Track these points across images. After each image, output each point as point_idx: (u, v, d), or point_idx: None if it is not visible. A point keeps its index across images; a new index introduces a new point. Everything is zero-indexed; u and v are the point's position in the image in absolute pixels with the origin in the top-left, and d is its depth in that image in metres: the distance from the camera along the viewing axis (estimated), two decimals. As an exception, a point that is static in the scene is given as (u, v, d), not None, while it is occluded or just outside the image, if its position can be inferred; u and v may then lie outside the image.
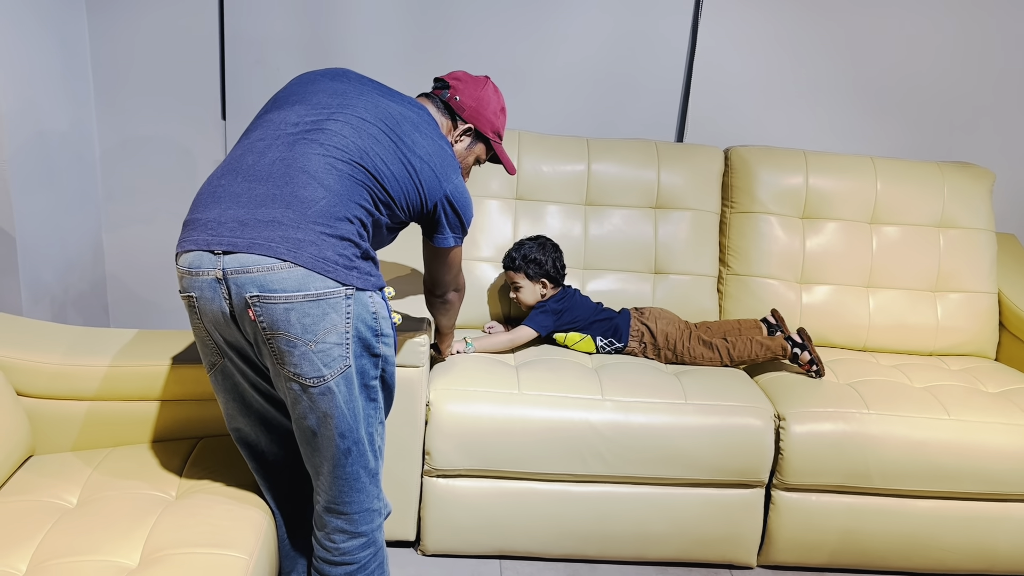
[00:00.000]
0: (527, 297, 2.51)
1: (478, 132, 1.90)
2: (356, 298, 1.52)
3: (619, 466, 2.22)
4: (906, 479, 2.26)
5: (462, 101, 1.87)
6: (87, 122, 2.83)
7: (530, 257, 2.48)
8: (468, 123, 1.88)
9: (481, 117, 1.89)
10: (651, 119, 2.99)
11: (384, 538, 1.72)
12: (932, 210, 2.82)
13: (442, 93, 1.88)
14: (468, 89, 1.87)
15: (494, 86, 1.93)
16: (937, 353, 2.80)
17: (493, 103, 1.91)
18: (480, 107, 1.88)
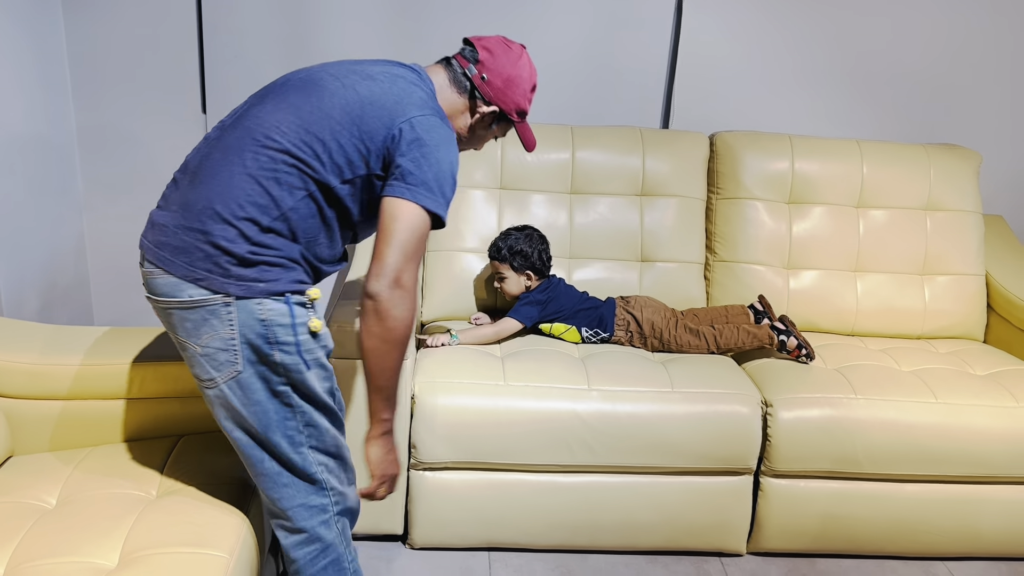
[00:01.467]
0: (512, 288, 2.49)
1: (502, 113, 1.70)
2: (239, 306, 1.45)
3: (607, 456, 2.21)
4: (894, 463, 2.26)
5: (490, 80, 1.65)
6: (66, 119, 2.80)
7: (516, 249, 2.46)
8: (493, 106, 1.67)
9: (507, 99, 1.67)
10: (636, 106, 2.97)
11: (339, 536, 1.61)
12: (919, 193, 2.81)
13: (468, 66, 1.66)
14: (499, 65, 1.65)
15: (529, 59, 1.71)
16: (925, 336, 2.79)
17: (525, 81, 1.69)
18: (509, 87, 1.66)
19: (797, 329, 2.47)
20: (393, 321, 1.43)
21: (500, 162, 2.71)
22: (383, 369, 1.47)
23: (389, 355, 1.46)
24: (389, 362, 1.47)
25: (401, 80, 1.57)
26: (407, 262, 1.43)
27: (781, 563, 2.34)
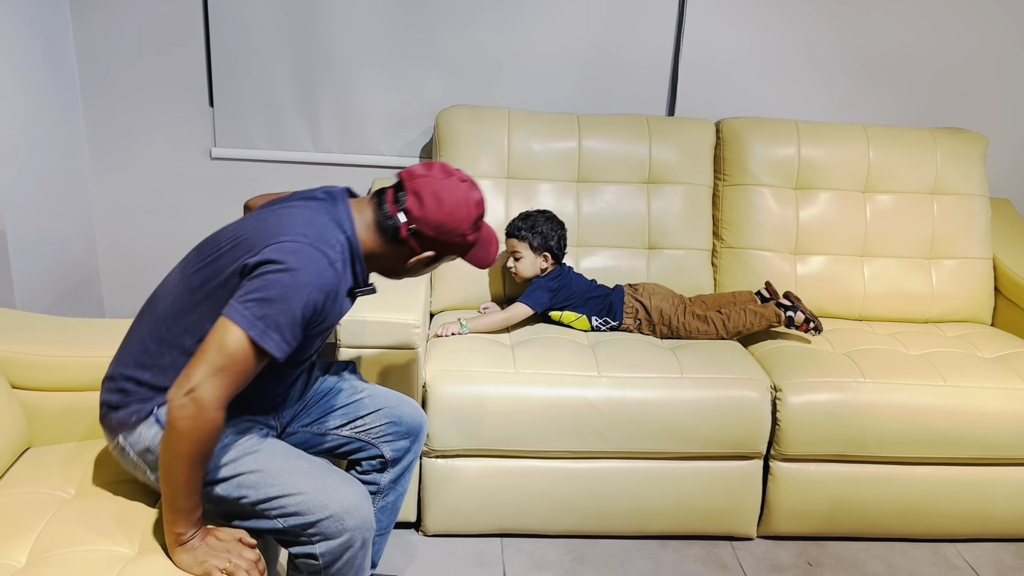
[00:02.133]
0: (526, 269, 2.49)
1: (440, 256, 1.58)
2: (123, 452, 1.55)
3: (617, 442, 2.23)
4: (903, 446, 2.27)
5: (419, 231, 1.51)
6: (74, 113, 2.81)
7: (537, 228, 2.47)
8: (430, 251, 1.55)
9: (441, 245, 1.54)
10: (641, 94, 2.97)
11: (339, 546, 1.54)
12: (925, 177, 2.81)
13: (396, 215, 1.51)
14: (428, 213, 1.49)
15: (467, 190, 1.54)
16: (933, 320, 2.80)
17: (462, 221, 1.52)
18: (442, 235, 1.52)
19: (801, 302, 2.48)
20: (176, 433, 1.35)
21: (507, 151, 2.72)
22: (167, 482, 1.39)
23: (173, 468, 1.38)
24: (174, 474, 1.38)
25: (300, 209, 1.50)
26: (209, 378, 1.35)
27: (791, 546, 2.36)
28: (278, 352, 1.40)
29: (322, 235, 1.46)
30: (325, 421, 1.77)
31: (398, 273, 1.62)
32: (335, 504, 1.48)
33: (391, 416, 1.79)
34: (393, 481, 1.82)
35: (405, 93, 2.91)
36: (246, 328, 1.36)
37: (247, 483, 1.49)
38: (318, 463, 1.56)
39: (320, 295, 1.42)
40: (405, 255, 1.55)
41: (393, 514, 1.85)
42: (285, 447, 1.57)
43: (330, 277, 1.44)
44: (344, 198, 1.55)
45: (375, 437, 1.78)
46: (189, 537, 1.44)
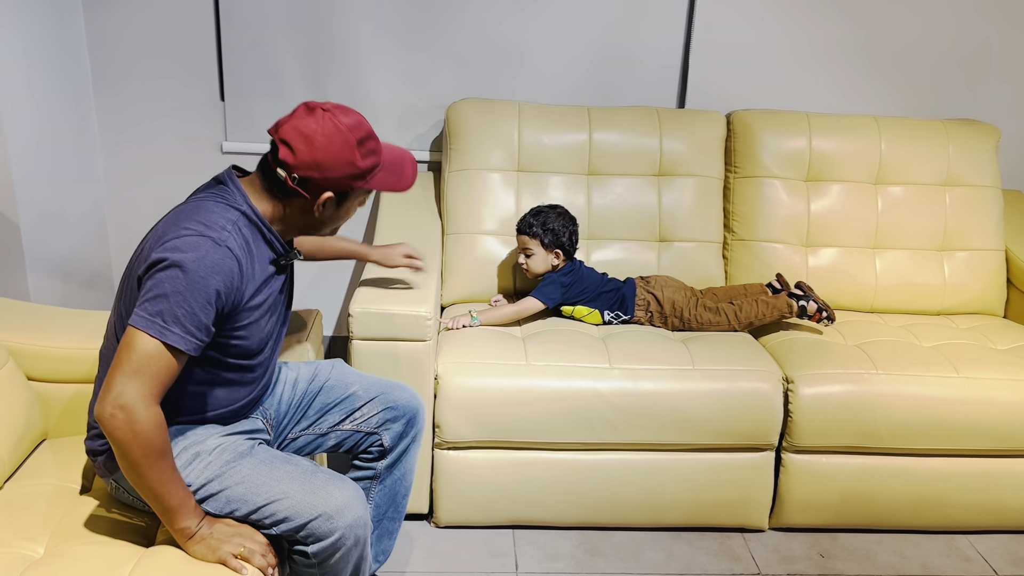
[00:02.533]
0: (537, 265, 2.49)
1: (343, 191, 1.53)
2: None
3: (629, 433, 2.23)
4: (916, 438, 2.26)
5: (302, 177, 1.48)
6: (86, 107, 2.82)
7: (549, 225, 2.46)
8: (326, 192, 1.51)
9: (332, 180, 1.50)
10: (652, 86, 2.96)
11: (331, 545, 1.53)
12: (937, 169, 2.80)
13: (277, 171, 1.50)
14: (302, 156, 1.47)
15: (337, 120, 1.48)
16: (945, 312, 2.79)
17: (342, 150, 1.48)
18: (327, 170, 1.48)
19: (814, 291, 2.47)
20: (119, 444, 1.36)
21: (518, 144, 2.72)
22: (142, 490, 1.41)
23: (137, 476, 1.39)
24: (142, 481, 1.39)
25: (185, 206, 1.51)
26: (127, 381, 1.35)
27: (803, 538, 2.36)
28: (183, 345, 1.38)
29: (207, 221, 1.44)
30: (323, 420, 1.78)
31: (320, 226, 1.59)
32: (323, 504, 1.48)
33: (386, 402, 1.79)
34: (389, 467, 1.82)
35: (416, 86, 2.91)
36: (145, 329, 1.36)
37: (234, 497, 1.50)
38: (304, 465, 1.55)
39: (216, 278, 1.40)
40: (308, 206, 1.53)
41: (394, 499, 1.85)
42: (269, 454, 1.57)
43: (219, 258, 1.41)
44: (231, 177, 1.54)
45: (376, 426, 1.79)
46: (196, 528, 1.44)
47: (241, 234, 1.49)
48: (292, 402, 1.77)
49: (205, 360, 1.51)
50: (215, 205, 1.49)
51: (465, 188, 2.70)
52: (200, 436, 1.55)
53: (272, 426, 1.73)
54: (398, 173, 1.62)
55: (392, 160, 1.62)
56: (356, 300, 2.13)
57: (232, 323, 1.50)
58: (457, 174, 2.72)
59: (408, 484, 1.88)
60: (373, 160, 1.55)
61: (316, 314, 2.05)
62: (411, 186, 1.65)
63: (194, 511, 1.45)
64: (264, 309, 1.57)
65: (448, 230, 2.70)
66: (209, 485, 1.50)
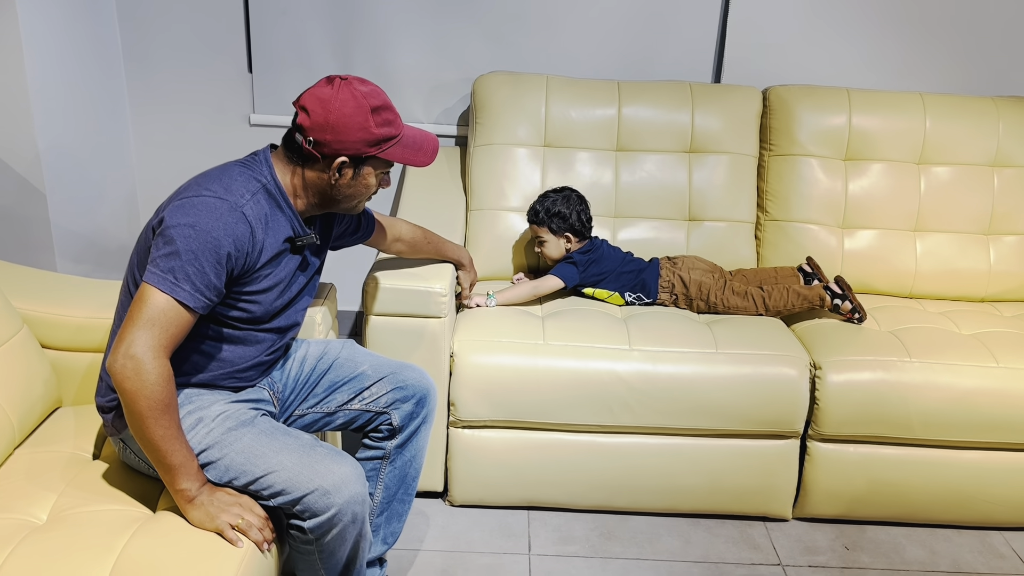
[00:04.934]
0: (552, 251, 2.45)
1: (357, 157, 1.56)
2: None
3: (648, 417, 2.17)
4: (950, 429, 2.17)
5: (317, 140, 1.53)
6: (117, 79, 2.83)
7: (554, 211, 2.41)
8: (341, 157, 1.55)
9: (345, 143, 1.53)
10: (686, 60, 2.87)
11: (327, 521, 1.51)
12: (986, 148, 2.66)
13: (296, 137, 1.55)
14: (317, 120, 1.52)
15: (353, 89, 1.53)
16: (989, 299, 2.67)
17: (356, 115, 1.52)
18: (339, 133, 1.52)
19: (852, 291, 2.38)
20: (127, 395, 1.38)
21: (544, 118, 2.66)
22: (145, 445, 1.42)
23: (141, 429, 1.40)
24: (146, 435, 1.40)
25: (213, 170, 1.56)
26: (138, 332, 1.39)
27: (828, 529, 2.28)
28: (193, 302, 1.43)
29: (228, 186, 1.51)
30: (332, 398, 1.76)
31: (339, 199, 1.63)
32: (320, 479, 1.46)
33: (396, 382, 1.77)
34: (399, 447, 1.79)
35: (444, 59, 2.86)
36: (157, 284, 1.41)
37: (233, 465, 1.49)
38: (304, 439, 1.54)
39: (228, 240, 1.45)
40: (323, 172, 1.57)
41: (404, 480, 1.83)
42: (271, 425, 1.56)
43: (234, 222, 1.46)
44: (265, 151, 1.61)
45: (385, 405, 1.76)
46: (196, 492, 1.44)
47: (260, 205, 1.55)
48: (300, 379, 1.76)
49: (214, 319, 1.55)
50: (240, 173, 1.55)
51: (490, 163, 2.66)
52: (205, 402, 1.55)
53: (278, 399, 1.71)
54: (416, 149, 1.65)
55: (413, 137, 1.65)
56: (371, 275, 2.10)
57: (240, 287, 1.54)
58: (482, 149, 2.67)
59: (419, 465, 1.85)
60: (388, 130, 1.58)
61: (330, 288, 2.03)
62: (429, 163, 1.67)
63: (196, 474, 1.46)
64: (275, 282, 1.59)
65: (472, 206, 2.66)
66: (209, 451, 1.50)
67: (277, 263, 1.59)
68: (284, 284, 1.62)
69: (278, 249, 1.58)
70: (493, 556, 2.11)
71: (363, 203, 1.69)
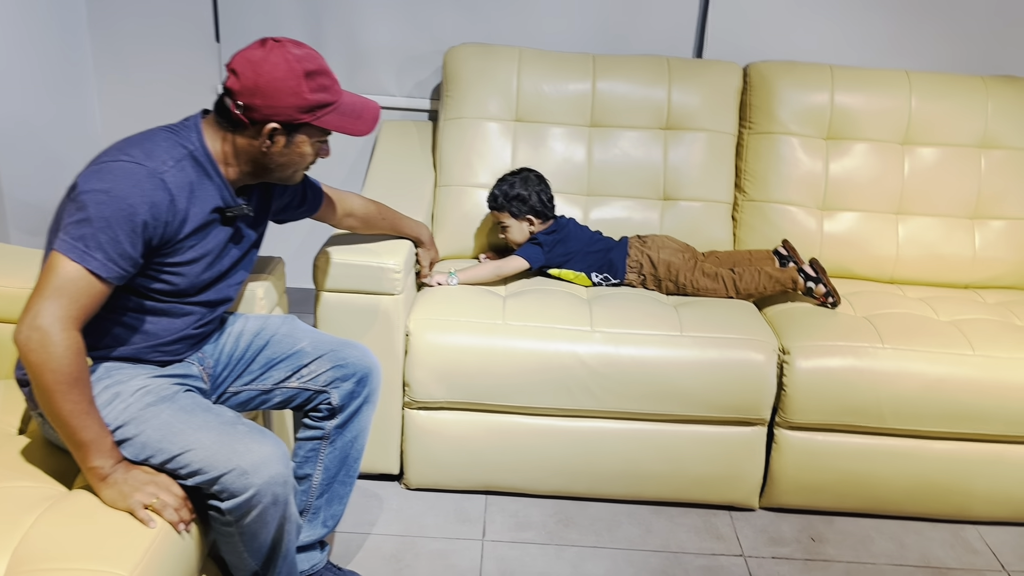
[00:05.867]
0: (516, 236, 2.37)
1: (289, 124, 1.48)
2: None
3: (609, 401, 2.10)
4: (923, 419, 2.09)
5: (246, 103, 1.44)
6: (81, 49, 2.76)
7: (512, 194, 2.33)
8: (271, 123, 1.46)
9: (275, 108, 1.44)
10: (667, 34, 2.77)
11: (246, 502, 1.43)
12: (973, 129, 2.56)
13: (226, 100, 1.47)
14: (246, 82, 1.43)
15: (285, 51, 1.45)
16: (974, 286, 2.58)
17: (286, 78, 1.43)
18: (269, 96, 1.43)
19: (826, 274, 2.29)
20: (33, 368, 1.32)
21: (516, 92, 2.57)
22: (54, 420, 1.36)
23: (50, 403, 1.34)
24: (55, 409, 1.34)
25: (141, 134, 1.48)
26: (45, 302, 1.32)
27: (795, 520, 2.21)
28: (105, 272, 1.36)
29: (150, 151, 1.43)
30: (268, 376, 1.69)
31: (272, 168, 1.55)
32: (238, 458, 1.39)
33: (335, 360, 1.70)
34: (339, 427, 1.72)
35: (416, 29, 2.78)
36: (67, 252, 1.34)
37: (149, 443, 1.42)
38: (226, 416, 1.47)
39: (144, 207, 1.38)
40: (254, 139, 1.49)
41: (346, 462, 1.76)
42: (192, 401, 1.49)
43: (151, 189, 1.39)
44: (196, 117, 1.53)
45: (324, 384, 1.69)
46: (109, 470, 1.38)
47: (184, 172, 1.47)
48: (235, 354, 1.69)
49: (135, 291, 1.48)
50: (166, 139, 1.48)
51: (459, 138, 2.57)
52: (124, 376, 1.48)
53: (209, 375, 1.65)
54: (354, 117, 1.57)
55: (352, 105, 1.58)
56: (323, 250, 2.03)
57: (161, 259, 1.47)
58: (452, 123, 2.59)
59: (360, 447, 1.78)
60: (323, 96, 1.51)
61: (277, 263, 1.95)
62: (368, 132, 1.59)
63: (109, 451, 1.39)
64: (201, 254, 1.52)
65: (440, 182, 2.58)
66: (125, 428, 1.43)
67: (204, 234, 1.52)
68: (213, 256, 1.55)
69: (205, 219, 1.50)
70: (445, 541, 2.05)
71: (300, 173, 1.62)
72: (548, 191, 2.37)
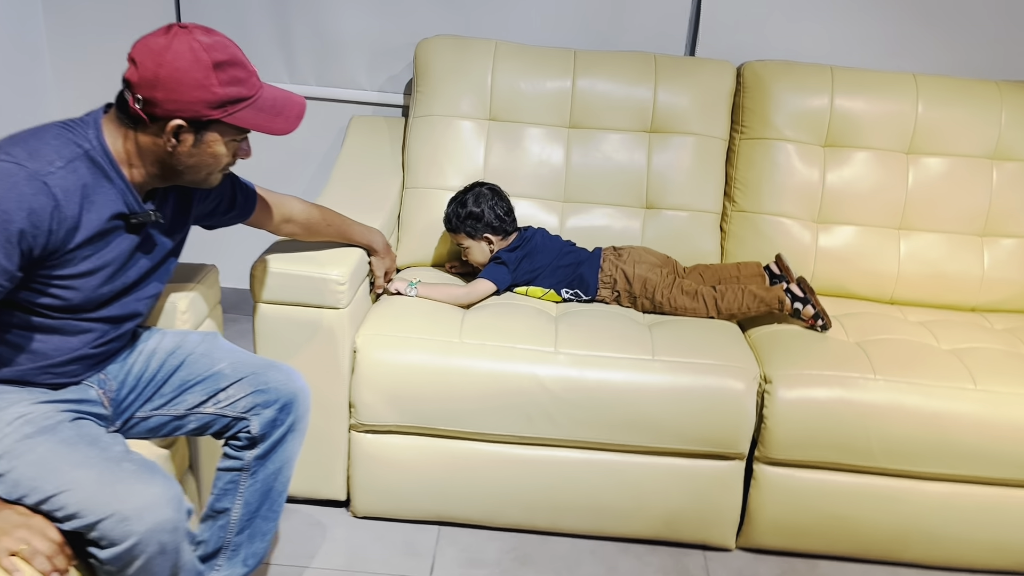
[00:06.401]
0: (477, 257, 2.19)
1: (196, 121, 1.33)
2: None
3: (572, 429, 1.93)
4: (916, 458, 1.90)
5: (146, 97, 1.29)
6: (37, 31, 2.61)
7: (463, 213, 2.16)
8: (175, 119, 1.31)
9: (179, 103, 1.30)
10: (658, 31, 2.59)
11: None
12: (986, 138, 2.36)
13: (126, 94, 1.33)
14: (145, 75, 1.29)
15: (188, 41, 1.30)
16: (981, 309, 2.38)
17: (191, 69, 1.29)
18: (171, 91, 1.29)
19: (815, 295, 2.10)
20: None
21: (490, 89, 2.39)
22: None
23: None
24: None
25: (29, 131, 1.33)
26: None
27: (774, 562, 2.03)
28: None
29: (36, 150, 1.28)
30: (182, 400, 1.53)
31: (181, 170, 1.39)
32: (119, 502, 1.23)
33: (256, 384, 1.53)
34: (260, 458, 1.56)
35: (390, 20, 2.61)
36: None
37: (23, 480, 1.26)
38: (113, 452, 1.31)
39: (20, 214, 1.22)
40: (157, 138, 1.34)
41: (269, 496, 1.59)
42: (77, 433, 1.33)
43: (30, 192, 1.24)
44: (97, 112, 1.38)
45: (243, 410, 1.53)
46: None
47: (76, 174, 1.31)
48: (144, 376, 1.52)
49: (19, 306, 1.32)
50: (56, 136, 1.33)
51: (428, 137, 2.40)
52: (5, 402, 1.33)
53: (111, 400, 1.48)
54: (274, 114, 1.41)
55: (273, 100, 1.42)
56: (262, 257, 1.87)
57: (48, 271, 1.31)
58: (421, 120, 2.42)
59: (285, 479, 1.62)
60: (236, 91, 1.35)
61: (209, 271, 1.79)
62: (290, 130, 1.43)
63: None
64: (99, 265, 1.36)
65: (407, 183, 2.41)
66: None
67: (103, 243, 1.36)
68: (115, 268, 1.39)
69: (102, 227, 1.34)
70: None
71: (216, 175, 1.45)
72: (504, 204, 2.19)
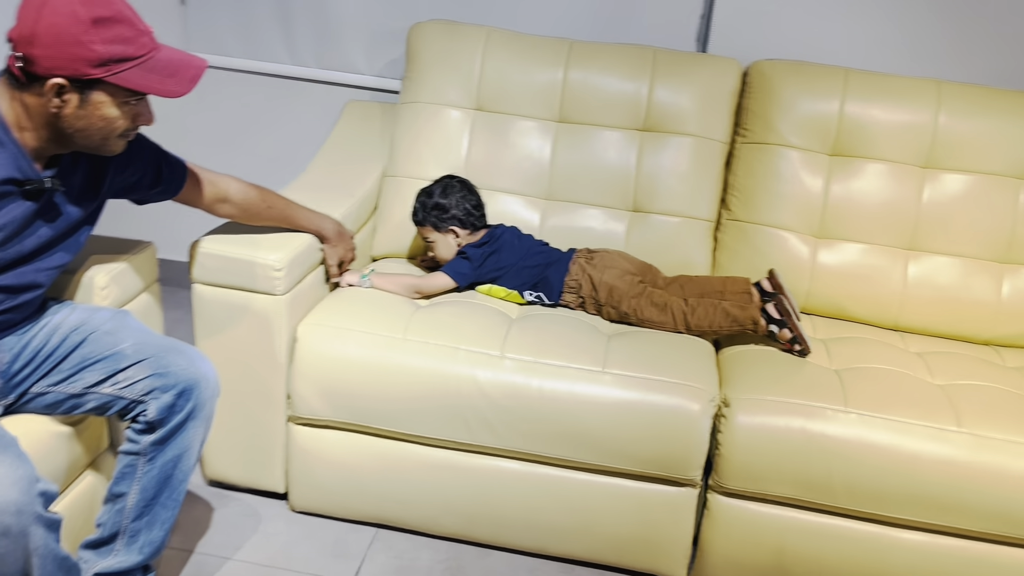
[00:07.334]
0: (443, 252, 2.10)
1: (78, 80, 1.29)
2: None
3: (510, 438, 1.81)
4: (882, 501, 1.72)
5: (25, 54, 1.27)
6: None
7: (430, 205, 2.07)
8: (56, 78, 1.28)
9: (59, 59, 1.26)
10: (668, 24, 2.45)
11: None
12: (1012, 154, 2.15)
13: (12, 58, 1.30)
14: (23, 32, 1.26)
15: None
16: (995, 342, 2.16)
17: (68, 25, 1.25)
18: (49, 46, 1.25)
19: (793, 317, 1.91)
20: None
21: (478, 77, 2.29)
22: None
23: None
24: None
25: None
26: None
27: (726, 600, 1.87)
28: None
29: None
30: (80, 378, 1.48)
31: (70, 133, 1.35)
32: None
33: (156, 367, 1.47)
34: (157, 443, 1.50)
35: (389, 3, 2.54)
36: None
37: None
38: None
39: None
40: (42, 98, 1.30)
41: (168, 483, 1.53)
42: None
43: None
44: None
45: (140, 393, 1.47)
46: None
47: None
48: (43, 350, 1.49)
49: None
50: None
51: (412, 124, 2.32)
52: None
53: (1, 373, 1.45)
54: (166, 75, 1.36)
55: (168, 62, 1.37)
56: (202, 237, 1.82)
57: None
58: (407, 107, 2.34)
59: (187, 469, 1.56)
60: (121, 49, 1.31)
61: (146, 248, 1.74)
62: (183, 93, 1.37)
63: None
64: None
65: (387, 171, 2.34)
66: None
67: None
68: (6, 234, 1.35)
69: None
70: (310, 578, 1.82)
71: (114, 141, 1.40)
72: (474, 199, 2.09)
